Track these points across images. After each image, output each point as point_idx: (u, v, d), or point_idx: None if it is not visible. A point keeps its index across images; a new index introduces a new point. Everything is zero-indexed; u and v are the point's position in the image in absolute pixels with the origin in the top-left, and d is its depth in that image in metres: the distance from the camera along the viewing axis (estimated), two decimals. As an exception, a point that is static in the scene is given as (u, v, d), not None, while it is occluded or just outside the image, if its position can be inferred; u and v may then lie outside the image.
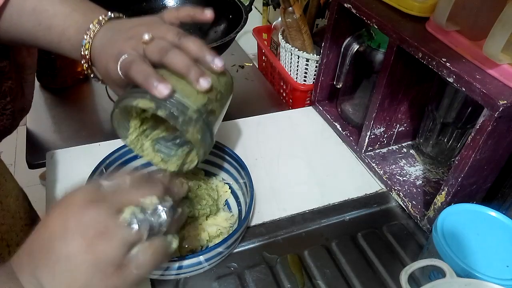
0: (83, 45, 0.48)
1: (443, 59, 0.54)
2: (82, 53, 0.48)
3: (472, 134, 0.52)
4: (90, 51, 0.48)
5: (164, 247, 0.37)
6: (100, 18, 0.48)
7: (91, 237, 0.33)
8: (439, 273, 0.47)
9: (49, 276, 0.33)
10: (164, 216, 0.36)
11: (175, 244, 0.38)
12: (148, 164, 0.66)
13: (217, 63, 0.45)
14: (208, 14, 0.49)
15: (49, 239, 0.34)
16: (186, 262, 0.51)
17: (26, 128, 0.83)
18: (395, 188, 0.70)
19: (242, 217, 0.58)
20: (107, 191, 0.36)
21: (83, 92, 0.95)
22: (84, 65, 0.49)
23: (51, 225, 0.35)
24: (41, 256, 0.34)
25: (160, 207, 0.36)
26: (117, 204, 0.35)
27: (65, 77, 0.93)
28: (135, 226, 0.34)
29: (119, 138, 0.49)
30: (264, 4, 1.23)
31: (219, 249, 0.52)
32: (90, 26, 0.47)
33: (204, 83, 0.43)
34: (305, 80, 0.90)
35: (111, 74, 0.46)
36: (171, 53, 0.43)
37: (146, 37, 0.44)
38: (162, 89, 0.41)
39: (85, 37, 0.47)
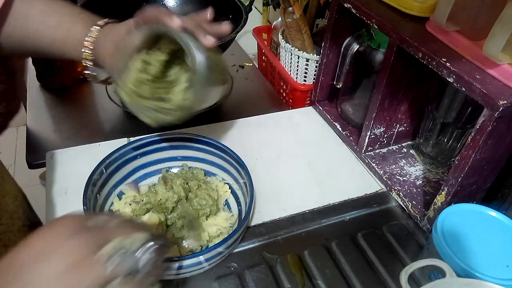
0: (90, 33, 0.53)
1: (443, 59, 0.54)
2: (86, 41, 0.53)
3: (472, 134, 0.52)
4: (94, 44, 0.53)
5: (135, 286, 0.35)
6: (101, 22, 0.54)
7: (68, 265, 0.32)
8: (439, 273, 0.47)
9: None
10: (143, 257, 0.35)
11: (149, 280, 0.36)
12: (145, 165, 0.66)
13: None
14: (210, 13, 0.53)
15: (27, 259, 0.33)
16: (186, 262, 0.51)
17: (26, 128, 0.83)
18: (395, 188, 0.70)
19: (242, 217, 0.58)
20: (93, 225, 0.36)
21: (83, 92, 0.95)
22: (85, 54, 0.54)
23: (31, 246, 0.34)
24: (15, 275, 0.33)
25: (141, 248, 0.35)
26: (99, 239, 0.34)
27: (65, 77, 0.93)
28: (111, 264, 0.33)
29: (119, 138, 0.50)
30: (264, 4, 1.23)
31: (219, 249, 0.52)
32: (93, 27, 0.54)
33: (209, 39, 0.49)
34: (305, 80, 0.90)
35: (118, 44, 0.50)
36: (185, 17, 0.49)
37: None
38: (175, 19, 0.47)
39: (92, 29, 0.53)
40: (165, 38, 0.51)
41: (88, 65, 0.55)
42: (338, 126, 0.83)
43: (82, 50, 0.54)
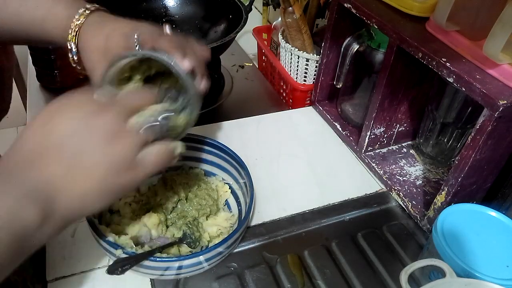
0: (77, 15, 0.49)
1: (443, 59, 0.54)
2: (72, 23, 0.49)
3: (472, 134, 0.52)
4: (81, 26, 0.49)
5: (168, 150, 0.42)
6: (90, 6, 0.51)
7: (106, 139, 0.36)
8: (439, 273, 0.47)
9: (61, 173, 0.35)
10: (163, 122, 0.41)
11: (180, 148, 0.43)
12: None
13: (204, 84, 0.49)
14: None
15: (60, 138, 0.36)
16: (186, 262, 0.51)
17: (26, 128, 0.83)
18: (395, 188, 0.70)
19: (242, 217, 0.58)
20: (109, 100, 0.40)
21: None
22: (70, 36, 0.50)
23: (56, 126, 0.36)
24: (51, 154, 0.35)
25: (160, 116, 0.41)
26: (124, 110, 0.39)
27: (65, 77, 0.93)
28: (143, 131, 0.39)
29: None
30: (264, 4, 1.23)
31: (219, 249, 0.52)
32: (81, 10, 0.50)
33: (203, 85, 0.47)
34: (305, 80, 0.90)
35: (109, 46, 0.47)
36: (190, 51, 0.47)
37: (168, 29, 0.49)
38: (186, 62, 0.45)
39: (76, 16, 0.49)
40: (149, 63, 0.49)
41: (72, 48, 0.51)
42: (338, 126, 0.83)
43: (69, 32, 0.50)
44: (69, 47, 0.51)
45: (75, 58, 0.52)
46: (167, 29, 0.50)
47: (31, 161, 0.35)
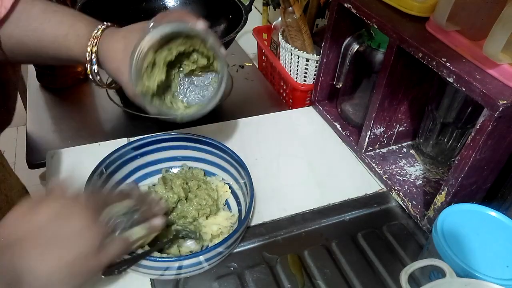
0: (96, 30, 0.53)
1: (443, 59, 0.54)
2: (92, 38, 0.53)
3: (472, 134, 0.52)
4: (97, 46, 0.53)
5: (124, 241, 0.46)
6: (103, 25, 0.55)
7: (80, 228, 0.41)
8: (439, 273, 0.47)
9: (34, 253, 0.39)
10: (131, 217, 0.47)
11: (135, 235, 0.48)
12: (145, 165, 0.66)
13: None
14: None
15: (39, 223, 0.40)
16: (186, 262, 0.51)
17: (26, 128, 0.83)
18: (395, 188, 0.70)
19: (242, 217, 0.58)
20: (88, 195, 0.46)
21: (83, 92, 0.95)
22: (91, 49, 0.53)
23: (37, 214, 0.41)
24: (29, 237, 0.39)
25: (128, 212, 0.47)
26: (96, 208, 0.44)
27: (65, 77, 0.93)
28: (111, 223, 0.45)
29: (119, 138, 0.50)
30: (264, 4, 1.23)
31: (219, 249, 0.52)
32: (98, 26, 0.54)
33: (201, 23, 0.50)
34: (305, 80, 0.90)
35: (129, 44, 0.50)
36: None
37: None
38: (201, 22, 0.50)
39: (95, 30, 0.53)
40: (176, 41, 0.52)
41: (93, 59, 0.54)
42: (338, 126, 0.83)
43: (88, 44, 0.53)
44: (88, 59, 0.54)
45: (95, 69, 0.54)
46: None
47: (8, 245, 0.39)
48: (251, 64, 1.08)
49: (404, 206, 0.68)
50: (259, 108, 0.90)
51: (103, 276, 0.46)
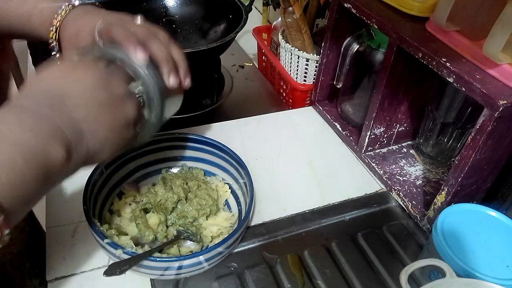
0: (59, 10, 0.49)
1: (443, 59, 0.54)
2: (54, 19, 0.49)
3: (472, 134, 0.52)
4: (62, 21, 0.49)
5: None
6: (76, 1, 0.51)
7: (122, 99, 0.41)
8: (439, 273, 0.47)
9: (90, 119, 0.38)
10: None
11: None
12: (145, 165, 0.66)
13: (187, 82, 0.49)
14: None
15: (87, 88, 0.39)
16: (186, 262, 0.51)
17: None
18: (395, 188, 0.70)
19: (242, 217, 0.58)
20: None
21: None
22: (52, 33, 0.49)
23: (82, 78, 0.40)
24: (79, 101, 0.38)
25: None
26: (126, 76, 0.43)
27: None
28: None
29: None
30: (264, 4, 1.23)
31: (219, 249, 0.52)
32: (64, 5, 0.49)
33: (172, 80, 0.46)
34: (305, 80, 0.90)
35: (80, 38, 0.47)
36: (156, 41, 0.45)
37: (139, 20, 0.48)
38: (139, 53, 0.43)
39: (63, 7, 0.49)
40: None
41: (55, 46, 0.50)
42: (338, 126, 0.83)
43: (50, 28, 0.49)
44: (51, 45, 0.50)
45: (58, 56, 0.51)
46: (138, 20, 0.48)
47: (59, 103, 0.37)
48: (251, 64, 1.08)
49: (404, 206, 0.68)
50: (259, 108, 0.90)
51: (105, 276, 0.46)
